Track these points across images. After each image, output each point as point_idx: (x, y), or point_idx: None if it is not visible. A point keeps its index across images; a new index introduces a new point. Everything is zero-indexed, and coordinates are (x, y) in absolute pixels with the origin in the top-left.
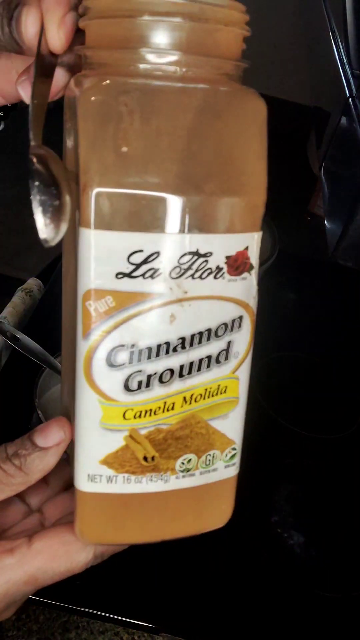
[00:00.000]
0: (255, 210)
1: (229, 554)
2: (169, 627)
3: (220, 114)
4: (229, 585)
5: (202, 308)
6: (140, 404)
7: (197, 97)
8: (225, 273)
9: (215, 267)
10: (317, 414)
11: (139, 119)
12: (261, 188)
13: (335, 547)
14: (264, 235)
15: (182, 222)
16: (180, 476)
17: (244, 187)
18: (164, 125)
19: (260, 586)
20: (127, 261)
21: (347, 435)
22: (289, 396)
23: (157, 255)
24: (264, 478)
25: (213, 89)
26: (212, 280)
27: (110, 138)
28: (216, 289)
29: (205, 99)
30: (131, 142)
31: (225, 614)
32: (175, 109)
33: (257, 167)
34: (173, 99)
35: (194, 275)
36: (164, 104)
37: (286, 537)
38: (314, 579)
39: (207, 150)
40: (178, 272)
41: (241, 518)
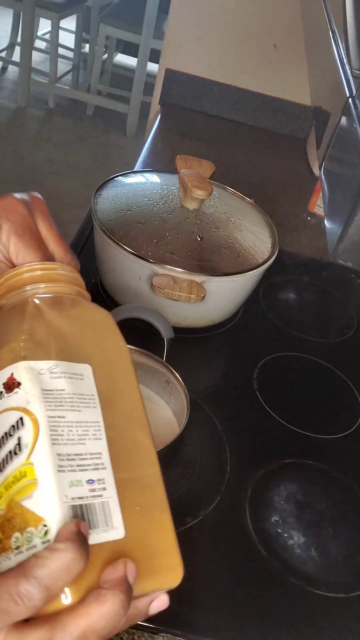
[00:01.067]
0: (10, 352)
1: (228, 554)
2: (169, 627)
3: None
4: (229, 585)
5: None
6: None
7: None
8: (3, 394)
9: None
10: (317, 414)
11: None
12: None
13: (335, 547)
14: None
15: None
16: (16, 553)
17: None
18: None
19: (260, 586)
20: None
21: (347, 435)
22: (289, 396)
23: None
24: (264, 478)
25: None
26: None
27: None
28: (2, 406)
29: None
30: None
31: (225, 613)
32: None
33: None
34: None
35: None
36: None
37: (286, 537)
38: (314, 579)
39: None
40: None
41: (241, 518)
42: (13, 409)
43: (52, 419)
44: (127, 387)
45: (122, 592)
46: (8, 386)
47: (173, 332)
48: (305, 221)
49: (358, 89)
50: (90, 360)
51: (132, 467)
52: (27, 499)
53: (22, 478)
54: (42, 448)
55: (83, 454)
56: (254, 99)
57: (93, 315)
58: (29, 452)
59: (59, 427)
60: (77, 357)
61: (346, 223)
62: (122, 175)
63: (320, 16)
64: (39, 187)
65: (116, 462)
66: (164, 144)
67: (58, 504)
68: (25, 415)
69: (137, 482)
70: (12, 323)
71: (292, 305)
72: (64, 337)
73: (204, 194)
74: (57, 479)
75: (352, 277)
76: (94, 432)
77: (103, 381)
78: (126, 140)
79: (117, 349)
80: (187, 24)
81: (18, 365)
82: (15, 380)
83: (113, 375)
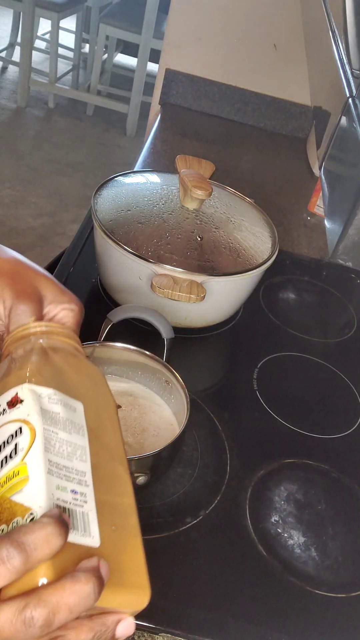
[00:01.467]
0: (17, 377)
1: (228, 554)
2: (169, 627)
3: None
4: (229, 585)
5: (1, 431)
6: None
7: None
8: (6, 410)
9: (2, 410)
10: (317, 414)
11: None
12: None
13: (335, 547)
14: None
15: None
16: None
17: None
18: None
19: (260, 586)
20: None
21: (347, 435)
22: (289, 396)
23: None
24: (264, 478)
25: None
26: (1, 417)
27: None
28: (4, 419)
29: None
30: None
31: (225, 613)
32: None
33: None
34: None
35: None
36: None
37: (286, 537)
38: (314, 579)
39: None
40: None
41: (241, 518)
42: (14, 421)
43: (47, 431)
44: (111, 429)
45: (94, 577)
46: (12, 403)
47: (173, 332)
48: (305, 221)
49: (358, 89)
50: (82, 399)
51: (111, 493)
52: (17, 493)
53: (14, 477)
54: (37, 450)
55: (70, 468)
56: (254, 99)
57: (88, 367)
58: (24, 454)
59: (52, 439)
60: (72, 394)
61: (346, 223)
62: (122, 175)
63: (320, 16)
64: (39, 187)
65: (97, 484)
66: (164, 144)
67: (45, 496)
68: (24, 425)
69: (114, 506)
70: (22, 358)
71: (292, 305)
72: (63, 375)
73: (204, 194)
74: (46, 477)
75: (352, 277)
76: (81, 454)
77: (91, 419)
78: (126, 140)
79: (106, 398)
80: (187, 24)
81: (23, 386)
82: (18, 398)
83: (100, 417)
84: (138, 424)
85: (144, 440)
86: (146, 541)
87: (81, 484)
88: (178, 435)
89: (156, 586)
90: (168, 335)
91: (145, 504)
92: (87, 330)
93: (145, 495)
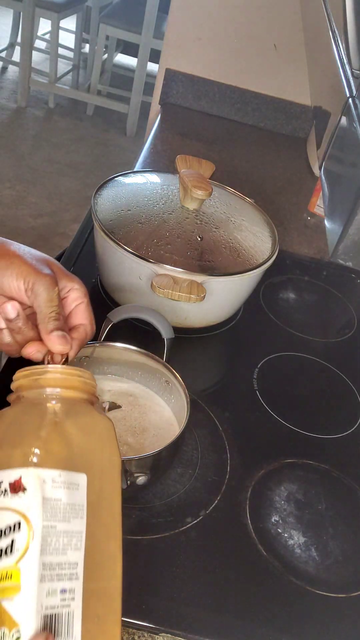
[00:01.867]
0: (23, 455)
1: (228, 554)
2: (169, 627)
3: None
4: (229, 585)
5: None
6: None
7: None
8: (8, 492)
9: (3, 490)
10: (317, 414)
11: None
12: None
13: (335, 547)
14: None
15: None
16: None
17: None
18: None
19: (260, 586)
20: None
21: (347, 435)
22: (289, 396)
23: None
24: (264, 478)
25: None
26: (2, 498)
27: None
28: (4, 503)
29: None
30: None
31: (225, 613)
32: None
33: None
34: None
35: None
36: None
37: (286, 537)
38: (314, 579)
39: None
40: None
41: (241, 518)
42: (14, 511)
43: (46, 528)
44: (112, 496)
45: None
46: (14, 487)
47: (173, 332)
48: (305, 221)
49: (358, 89)
50: (88, 469)
51: (100, 578)
52: (7, 600)
53: (7, 579)
54: (32, 558)
55: (63, 563)
56: (254, 99)
57: (99, 424)
58: (19, 557)
59: (49, 536)
60: (78, 466)
61: (346, 223)
62: (122, 175)
63: (320, 16)
64: (39, 187)
65: (87, 572)
66: (164, 144)
67: (34, 615)
68: (24, 521)
69: (100, 593)
70: (31, 425)
71: (292, 305)
72: (71, 446)
73: (204, 194)
74: (38, 590)
75: (352, 277)
76: (76, 542)
77: (93, 491)
78: (126, 140)
79: (112, 458)
80: (187, 24)
81: (28, 472)
82: (22, 484)
83: (103, 484)
84: (138, 424)
85: (144, 440)
86: (146, 541)
87: (71, 579)
88: (178, 435)
89: (156, 586)
90: (168, 335)
91: (145, 504)
92: None
93: (145, 495)
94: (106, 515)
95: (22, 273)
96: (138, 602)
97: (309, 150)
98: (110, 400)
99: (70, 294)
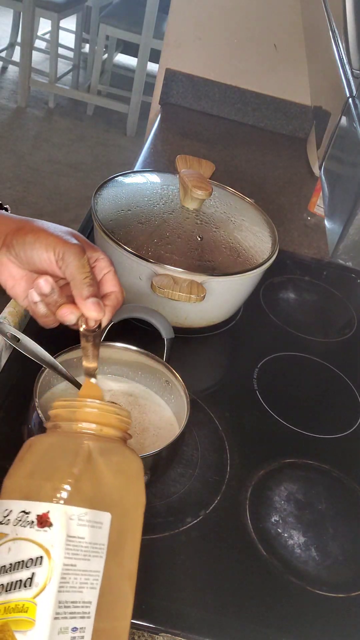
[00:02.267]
0: (54, 489)
1: (228, 554)
2: (169, 627)
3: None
4: (229, 585)
5: (22, 545)
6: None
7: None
8: (35, 524)
9: (30, 521)
10: (317, 414)
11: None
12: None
13: (335, 547)
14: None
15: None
16: None
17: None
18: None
19: (260, 586)
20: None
21: (347, 435)
22: (289, 396)
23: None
24: (264, 478)
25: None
26: (29, 529)
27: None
28: (30, 534)
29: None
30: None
31: (225, 613)
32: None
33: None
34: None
35: (22, 524)
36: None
37: (286, 537)
38: (314, 579)
39: None
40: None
41: (241, 518)
42: (38, 545)
43: (66, 567)
44: (133, 535)
45: None
46: (41, 521)
47: (173, 332)
48: (305, 221)
49: (358, 89)
50: (113, 507)
51: (110, 618)
52: (20, 633)
53: (22, 611)
54: (49, 595)
55: (78, 602)
56: (254, 99)
57: (129, 463)
58: (37, 592)
59: (68, 574)
60: (104, 505)
61: (346, 223)
62: (122, 175)
63: (320, 16)
64: (39, 187)
65: (99, 611)
66: (164, 144)
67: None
68: (46, 557)
69: (110, 632)
70: (64, 460)
71: (292, 305)
72: (100, 485)
73: (204, 194)
74: (51, 627)
75: (352, 277)
76: (92, 582)
77: (115, 530)
78: (126, 140)
79: (137, 497)
80: (187, 24)
81: (56, 508)
82: (49, 520)
83: (125, 523)
84: (138, 423)
85: (144, 440)
86: (146, 541)
87: (83, 618)
88: (178, 435)
89: (156, 586)
90: (168, 335)
91: (145, 504)
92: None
93: (146, 495)
94: (124, 555)
95: (50, 244)
96: (138, 602)
97: (309, 150)
98: (110, 401)
99: (98, 264)
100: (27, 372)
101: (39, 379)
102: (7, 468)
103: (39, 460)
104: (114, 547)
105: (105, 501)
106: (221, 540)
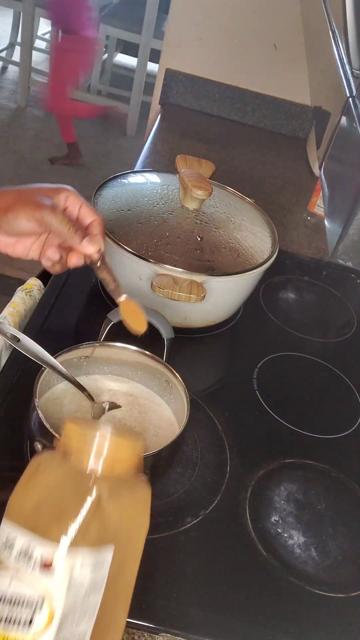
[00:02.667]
0: (60, 530)
1: (228, 554)
2: (169, 627)
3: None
4: (229, 585)
5: (24, 584)
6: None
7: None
8: (37, 567)
9: (34, 562)
10: (317, 414)
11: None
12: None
13: (335, 547)
14: (264, 235)
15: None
16: None
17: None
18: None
19: (260, 586)
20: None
21: (347, 435)
22: (289, 396)
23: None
24: (264, 478)
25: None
26: (31, 570)
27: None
28: (32, 577)
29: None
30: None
31: (225, 613)
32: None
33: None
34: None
35: (25, 561)
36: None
37: (286, 537)
38: (314, 579)
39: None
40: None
41: (241, 518)
42: (39, 590)
43: (66, 607)
44: (133, 560)
45: None
46: (44, 564)
47: (173, 332)
48: (305, 221)
49: (358, 89)
50: (116, 540)
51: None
52: None
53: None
54: (48, 637)
55: (75, 634)
56: (254, 99)
57: (136, 494)
58: (37, 633)
59: (69, 614)
60: (109, 540)
61: (346, 223)
62: (122, 175)
63: (321, 16)
64: None
65: (93, 636)
66: (164, 144)
67: None
68: (47, 605)
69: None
70: (73, 502)
71: (292, 305)
72: (107, 523)
73: (204, 194)
74: None
75: (352, 277)
76: (90, 615)
77: (116, 561)
78: (126, 140)
79: (142, 525)
80: (187, 24)
81: (60, 553)
82: (52, 565)
83: (127, 553)
84: (138, 423)
85: None
86: (146, 541)
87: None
88: (178, 435)
89: (156, 586)
90: (168, 335)
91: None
92: (87, 330)
93: None
94: (122, 583)
95: (28, 214)
96: (138, 602)
97: (309, 150)
98: (110, 400)
99: (69, 202)
100: (27, 372)
101: (39, 379)
102: (7, 467)
103: (46, 495)
104: (113, 579)
105: (110, 536)
106: (221, 540)
